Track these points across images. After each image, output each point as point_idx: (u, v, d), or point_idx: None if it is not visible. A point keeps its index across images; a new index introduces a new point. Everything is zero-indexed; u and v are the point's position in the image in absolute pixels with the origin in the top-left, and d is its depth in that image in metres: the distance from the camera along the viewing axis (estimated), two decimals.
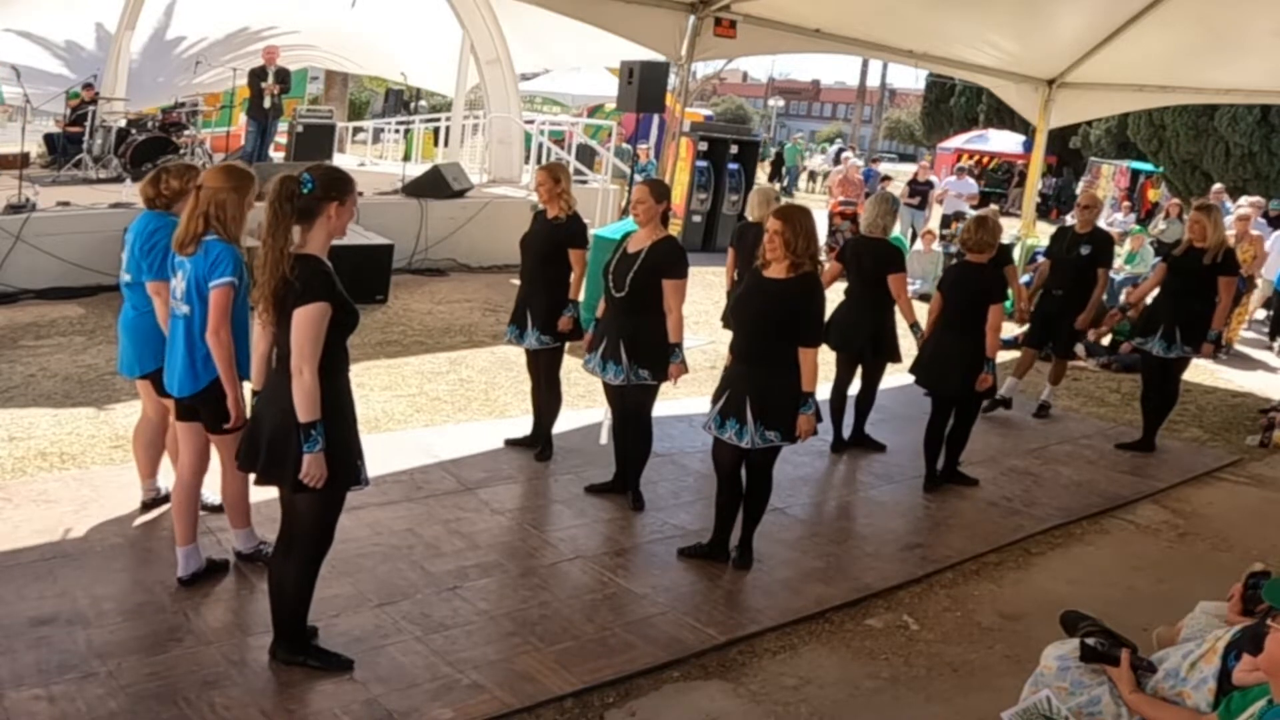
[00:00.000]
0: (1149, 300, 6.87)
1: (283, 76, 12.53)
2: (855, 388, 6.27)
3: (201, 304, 3.59)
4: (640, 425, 4.95)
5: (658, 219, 4.75)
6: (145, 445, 4.38)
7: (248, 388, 3.54)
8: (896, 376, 7.25)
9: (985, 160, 28.42)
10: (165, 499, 4.37)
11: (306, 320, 3.01)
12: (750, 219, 6.74)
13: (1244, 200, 12.59)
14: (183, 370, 3.68)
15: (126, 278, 4.06)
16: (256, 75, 12.42)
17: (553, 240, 5.25)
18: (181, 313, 3.66)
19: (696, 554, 4.48)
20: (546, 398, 5.50)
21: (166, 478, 4.33)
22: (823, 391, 4.33)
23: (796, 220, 4.17)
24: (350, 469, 3.18)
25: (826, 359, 6.86)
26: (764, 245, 4.23)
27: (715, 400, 4.36)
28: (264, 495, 3.61)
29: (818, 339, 4.20)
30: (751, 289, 4.31)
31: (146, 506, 4.42)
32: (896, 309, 6.00)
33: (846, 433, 6.27)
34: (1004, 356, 7.00)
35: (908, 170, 24.06)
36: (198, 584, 3.80)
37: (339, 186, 3.14)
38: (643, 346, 4.72)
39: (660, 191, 4.83)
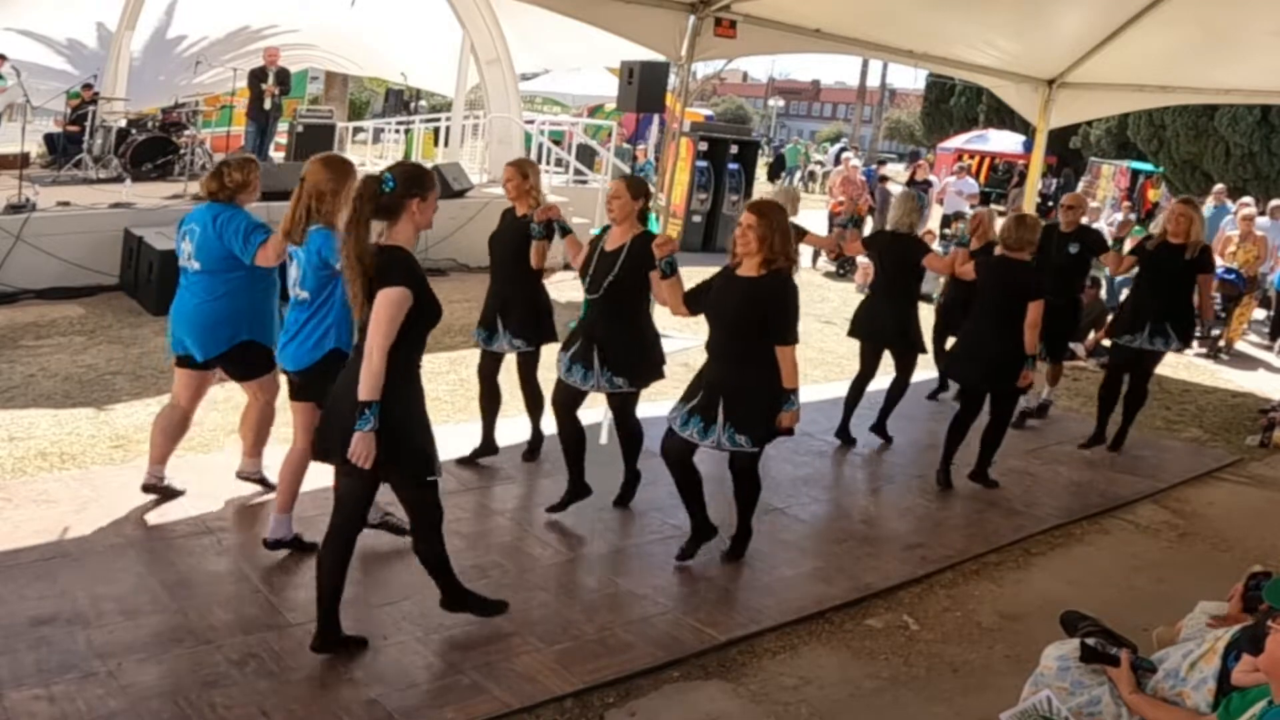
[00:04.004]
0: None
1: (283, 78, 12.52)
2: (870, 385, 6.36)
3: (316, 288, 3.89)
4: (628, 427, 4.79)
5: (634, 216, 4.56)
6: (163, 430, 4.49)
7: None
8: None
9: (988, 161, 28.43)
10: (164, 489, 4.50)
11: (386, 302, 3.12)
12: None
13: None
14: (296, 347, 3.96)
15: (195, 265, 4.27)
16: (257, 76, 12.43)
17: (523, 236, 5.08)
18: (301, 298, 3.95)
19: (690, 554, 4.42)
20: (528, 400, 5.39)
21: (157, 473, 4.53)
22: (819, 392, 4.33)
23: (772, 216, 4.08)
24: (427, 455, 3.32)
25: (835, 352, 6.94)
26: (736, 240, 4.12)
27: (688, 398, 4.24)
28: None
29: (793, 336, 4.11)
30: (724, 288, 4.20)
31: (146, 490, 4.48)
32: (919, 303, 6.29)
33: (857, 430, 6.31)
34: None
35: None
36: (279, 552, 4.09)
37: (419, 183, 3.29)
38: (618, 352, 4.54)
39: (637, 188, 4.61)
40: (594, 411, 6.08)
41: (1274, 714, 2.23)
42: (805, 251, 14.66)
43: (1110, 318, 10.01)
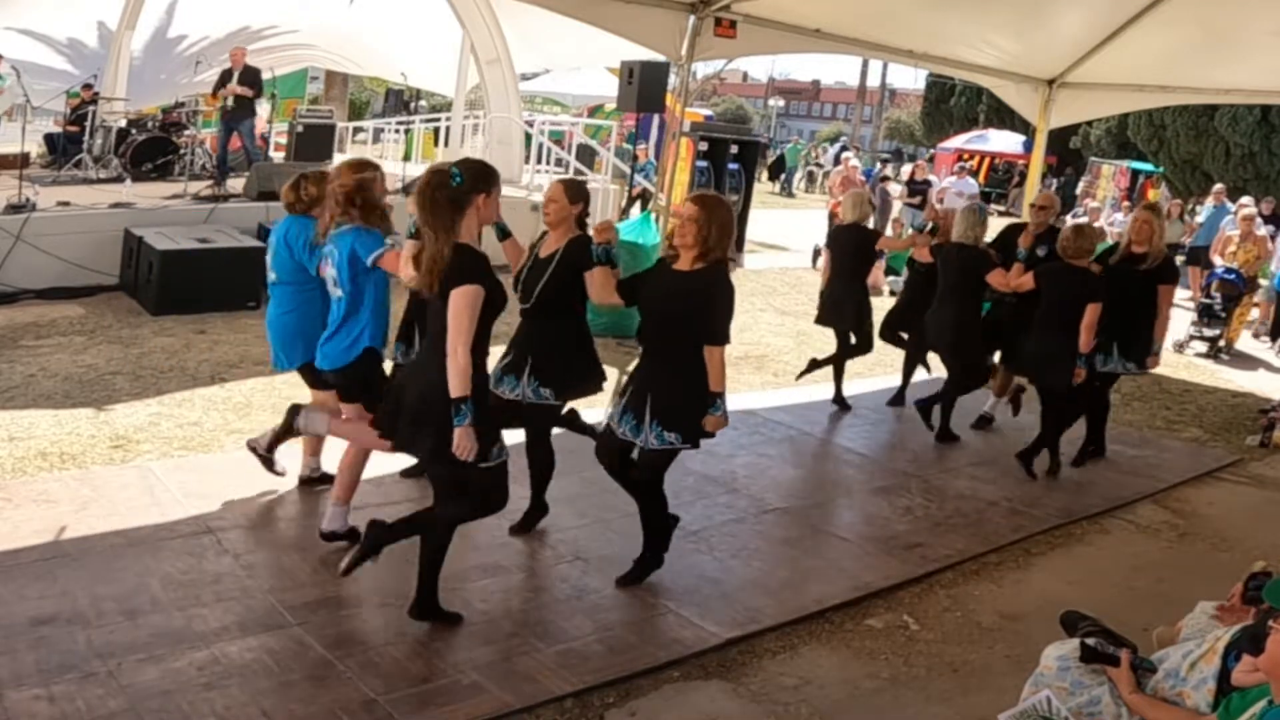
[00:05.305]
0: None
1: (249, 78, 11.92)
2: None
3: (350, 287, 4.01)
4: (542, 449, 4.54)
5: (571, 221, 4.28)
6: None
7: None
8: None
9: (988, 161, 28.46)
10: (322, 478, 4.78)
11: (463, 301, 3.24)
12: (845, 220, 7.02)
13: None
14: (333, 346, 4.12)
15: (273, 277, 4.45)
16: (223, 78, 12.02)
17: None
18: (337, 297, 4.08)
19: (635, 578, 4.20)
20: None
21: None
22: (819, 393, 4.29)
23: (713, 209, 3.86)
24: (489, 442, 3.40)
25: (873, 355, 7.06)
26: (676, 233, 3.96)
27: (621, 393, 4.11)
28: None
29: (723, 336, 3.86)
30: (657, 281, 4.02)
31: (304, 482, 4.77)
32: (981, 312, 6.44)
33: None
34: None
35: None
36: (333, 544, 4.19)
37: (485, 179, 3.40)
38: (548, 363, 4.27)
39: (575, 192, 4.32)
40: (594, 412, 6.08)
41: (1274, 714, 2.23)
42: (806, 253, 14.68)
43: None
